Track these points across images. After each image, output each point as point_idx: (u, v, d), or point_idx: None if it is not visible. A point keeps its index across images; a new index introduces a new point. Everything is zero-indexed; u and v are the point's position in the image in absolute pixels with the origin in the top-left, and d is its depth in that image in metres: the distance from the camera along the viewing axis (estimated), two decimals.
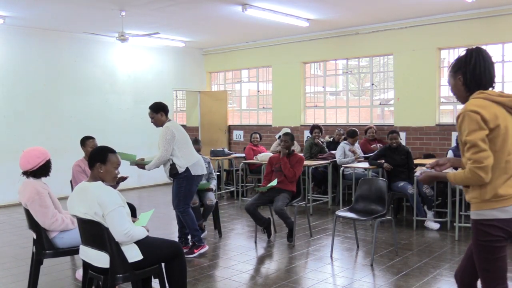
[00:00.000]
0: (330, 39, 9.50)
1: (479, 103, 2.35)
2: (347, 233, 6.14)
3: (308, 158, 8.05)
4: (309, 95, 10.39)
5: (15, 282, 4.50)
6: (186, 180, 5.06)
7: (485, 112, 2.31)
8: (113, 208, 3.08)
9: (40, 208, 3.82)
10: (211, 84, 12.20)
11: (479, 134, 2.30)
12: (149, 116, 5.14)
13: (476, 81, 2.42)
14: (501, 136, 2.33)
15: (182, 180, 5.06)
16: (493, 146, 2.32)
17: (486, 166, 2.29)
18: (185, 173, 5.03)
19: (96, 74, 9.86)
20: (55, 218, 3.85)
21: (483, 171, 2.29)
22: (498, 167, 2.34)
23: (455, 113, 8.67)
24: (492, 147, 2.32)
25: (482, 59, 2.41)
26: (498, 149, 2.33)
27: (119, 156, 3.41)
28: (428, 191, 6.36)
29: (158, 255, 3.35)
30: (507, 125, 2.35)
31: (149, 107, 5.19)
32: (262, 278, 4.57)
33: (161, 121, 5.11)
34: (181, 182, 5.07)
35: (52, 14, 7.83)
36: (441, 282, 4.33)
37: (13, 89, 8.69)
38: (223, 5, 7.29)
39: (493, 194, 2.34)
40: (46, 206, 3.84)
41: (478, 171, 2.29)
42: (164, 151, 4.94)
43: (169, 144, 4.92)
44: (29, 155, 3.91)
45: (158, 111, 5.12)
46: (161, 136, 4.98)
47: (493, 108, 2.34)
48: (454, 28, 7.99)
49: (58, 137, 9.11)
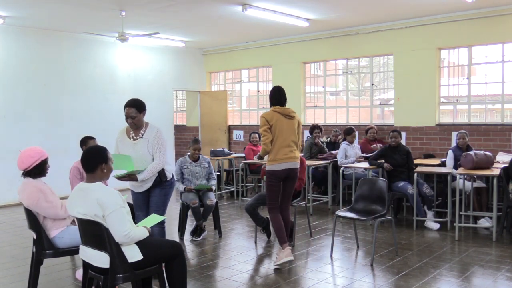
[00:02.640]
0: (330, 39, 9.50)
1: (268, 112, 4.86)
2: (347, 233, 6.14)
3: (308, 158, 8.05)
4: (309, 95, 10.39)
5: (15, 282, 4.51)
6: (171, 187, 4.52)
7: (269, 117, 4.79)
8: (114, 209, 3.08)
9: (47, 204, 3.84)
10: (211, 84, 12.21)
11: (265, 127, 4.76)
12: (130, 115, 4.28)
13: (272, 102, 4.93)
14: (276, 128, 4.77)
15: (169, 188, 4.47)
16: (273, 133, 4.77)
17: (267, 143, 4.75)
18: (172, 180, 4.52)
19: (96, 74, 9.87)
20: (63, 206, 3.89)
21: (265, 145, 4.76)
22: (276, 144, 4.78)
23: (455, 113, 8.68)
24: (272, 134, 4.77)
25: (274, 91, 4.94)
26: (276, 135, 4.77)
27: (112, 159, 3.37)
28: (428, 191, 6.36)
29: (158, 255, 3.35)
30: (280, 124, 4.78)
31: (128, 104, 4.33)
32: (262, 278, 4.57)
33: (142, 122, 4.37)
34: (168, 189, 4.47)
35: (52, 14, 7.83)
36: (441, 282, 4.33)
37: (13, 89, 8.69)
38: (223, 5, 7.29)
39: (272, 158, 4.81)
40: (52, 200, 3.88)
41: (264, 145, 4.77)
42: (162, 157, 4.30)
43: (165, 149, 4.38)
44: (24, 155, 3.92)
45: (142, 110, 4.32)
46: (156, 140, 4.30)
47: (273, 115, 4.81)
48: (454, 28, 7.99)
49: (58, 137, 9.11)
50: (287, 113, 4.85)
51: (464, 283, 4.31)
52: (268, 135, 4.72)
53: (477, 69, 8.99)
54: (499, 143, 7.62)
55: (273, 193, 4.88)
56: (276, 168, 4.79)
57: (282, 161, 4.79)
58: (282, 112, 4.82)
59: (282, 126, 4.78)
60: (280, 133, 4.77)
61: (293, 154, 4.86)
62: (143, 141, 4.31)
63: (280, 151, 4.77)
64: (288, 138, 4.81)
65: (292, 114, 4.89)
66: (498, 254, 5.16)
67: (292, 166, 4.85)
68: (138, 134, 4.36)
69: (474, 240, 5.76)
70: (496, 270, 4.63)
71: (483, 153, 6.14)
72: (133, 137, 4.37)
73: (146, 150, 4.29)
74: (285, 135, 4.79)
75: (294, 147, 4.88)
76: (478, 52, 8.15)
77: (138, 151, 4.29)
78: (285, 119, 4.82)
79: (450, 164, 6.71)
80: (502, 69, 7.79)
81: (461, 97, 8.39)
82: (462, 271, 4.63)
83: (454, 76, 8.47)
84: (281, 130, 4.77)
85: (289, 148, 4.82)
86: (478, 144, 7.67)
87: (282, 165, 4.79)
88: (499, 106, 8.02)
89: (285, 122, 4.80)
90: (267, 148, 4.75)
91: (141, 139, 4.33)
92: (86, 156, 3.28)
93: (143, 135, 4.34)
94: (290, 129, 4.83)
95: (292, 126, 4.87)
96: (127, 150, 4.31)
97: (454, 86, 8.45)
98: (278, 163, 4.78)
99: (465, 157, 6.08)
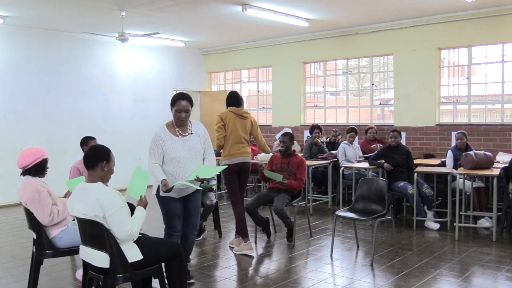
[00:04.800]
0: (330, 39, 9.50)
1: (224, 112, 5.43)
2: (347, 233, 6.14)
3: (308, 158, 8.04)
4: (309, 95, 10.39)
5: (15, 282, 4.51)
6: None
7: (223, 116, 5.35)
8: (115, 209, 3.08)
9: (40, 206, 3.83)
10: (211, 84, 12.21)
11: (219, 124, 5.31)
12: (185, 109, 3.99)
13: (228, 103, 5.50)
14: (230, 126, 5.31)
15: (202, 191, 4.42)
16: (227, 131, 5.31)
17: (220, 138, 5.29)
18: None
19: (96, 74, 9.86)
20: (52, 213, 3.87)
21: (219, 140, 5.29)
22: (229, 140, 5.29)
23: (455, 113, 8.67)
24: (226, 131, 5.30)
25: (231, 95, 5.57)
26: (229, 132, 5.30)
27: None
28: (428, 191, 6.36)
29: (158, 255, 3.35)
30: (233, 122, 5.32)
31: (182, 97, 4.04)
32: (262, 278, 4.57)
33: None
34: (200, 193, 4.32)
35: (52, 14, 7.83)
36: (441, 282, 4.33)
37: (13, 89, 8.69)
38: (223, 5, 7.29)
39: (227, 153, 5.31)
40: (45, 204, 3.85)
41: (217, 140, 5.28)
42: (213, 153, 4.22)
43: None
44: (25, 153, 3.93)
45: (192, 104, 4.13)
46: (206, 135, 4.19)
47: (228, 114, 5.38)
48: (454, 28, 7.99)
49: (58, 137, 9.12)
50: (240, 113, 5.42)
51: (464, 283, 4.31)
52: (221, 132, 5.33)
53: (477, 69, 8.99)
54: (499, 143, 7.62)
55: (232, 186, 5.43)
56: (230, 162, 5.27)
57: (235, 156, 5.32)
58: (236, 112, 5.40)
59: (235, 124, 5.35)
60: (233, 131, 5.32)
61: (245, 150, 5.41)
62: (194, 137, 4.10)
63: (233, 147, 5.32)
64: (240, 136, 5.36)
65: (245, 115, 5.46)
66: (498, 254, 5.16)
67: (244, 160, 5.40)
68: (185, 131, 4.09)
69: (474, 240, 5.76)
70: (496, 270, 4.63)
71: (483, 153, 6.14)
72: (181, 134, 4.06)
73: (199, 146, 4.11)
74: (237, 132, 5.34)
75: (246, 143, 5.44)
76: (478, 52, 8.15)
77: (192, 148, 4.06)
78: (239, 118, 5.39)
79: (450, 164, 6.71)
80: (502, 69, 7.79)
81: (461, 97, 8.39)
82: (462, 271, 4.63)
83: (454, 76, 8.47)
84: (234, 128, 5.33)
85: (241, 144, 5.36)
86: (478, 144, 7.67)
87: (235, 159, 5.31)
88: (499, 106, 8.02)
89: (238, 121, 5.37)
90: (220, 143, 5.34)
91: (191, 135, 4.09)
92: (89, 153, 3.31)
93: (192, 131, 4.12)
94: (242, 128, 5.39)
95: (244, 125, 5.43)
96: (177, 148, 4.00)
97: (454, 86, 8.45)
98: (232, 158, 5.31)
99: (465, 157, 6.08)
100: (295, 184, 5.66)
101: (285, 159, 5.88)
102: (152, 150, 4.03)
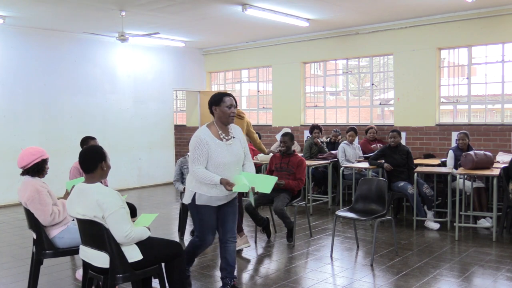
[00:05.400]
0: (330, 39, 9.50)
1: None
2: (347, 233, 6.14)
3: (308, 158, 8.05)
4: (309, 95, 10.39)
5: (15, 282, 4.51)
6: None
7: None
8: (114, 210, 3.08)
9: (40, 206, 3.83)
10: (211, 84, 12.21)
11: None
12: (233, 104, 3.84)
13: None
14: None
15: None
16: None
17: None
18: None
19: (96, 74, 9.86)
20: (53, 212, 3.88)
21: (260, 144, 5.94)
22: None
23: (455, 113, 8.68)
24: None
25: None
26: None
27: None
28: (428, 191, 6.36)
29: (158, 255, 3.35)
30: None
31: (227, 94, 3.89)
32: (262, 278, 4.57)
33: None
34: None
35: (52, 14, 7.83)
36: (441, 282, 4.33)
37: (13, 89, 8.69)
38: (223, 5, 7.29)
39: None
40: (45, 204, 3.85)
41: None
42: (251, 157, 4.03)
43: None
44: (25, 153, 3.93)
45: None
46: (245, 139, 4.00)
47: None
48: (454, 28, 7.99)
49: (58, 137, 9.12)
50: (238, 113, 5.65)
51: (464, 283, 4.31)
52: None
53: (477, 69, 9.00)
54: (499, 143, 7.62)
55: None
56: None
57: None
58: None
59: None
60: None
61: None
62: (236, 141, 3.82)
63: None
64: None
65: (242, 115, 5.81)
66: (498, 254, 5.16)
67: None
68: (228, 134, 3.80)
69: (474, 240, 5.76)
70: (496, 270, 4.63)
71: (483, 153, 6.14)
72: (225, 138, 3.77)
73: (241, 151, 3.83)
74: None
75: None
76: (478, 52, 8.15)
77: (235, 153, 3.77)
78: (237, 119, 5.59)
79: (450, 164, 6.71)
80: (502, 69, 7.79)
81: (461, 97, 8.39)
82: (462, 271, 4.63)
83: (454, 76, 8.48)
84: None
85: None
86: (478, 144, 7.67)
87: None
88: (499, 106, 8.02)
89: (237, 121, 5.53)
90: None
91: (233, 139, 3.81)
92: (84, 158, 3.24)
93: (234, 135, 3.84)
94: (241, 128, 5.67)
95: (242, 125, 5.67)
96: (223, 153, 3.69)
97: (454, 86, 8.45)
98: None
99: (465, 157, 6.08)
100: (293, 184, 5.66)
101: (285, 159, 5.88)
102: (195, 155, 3.65)
